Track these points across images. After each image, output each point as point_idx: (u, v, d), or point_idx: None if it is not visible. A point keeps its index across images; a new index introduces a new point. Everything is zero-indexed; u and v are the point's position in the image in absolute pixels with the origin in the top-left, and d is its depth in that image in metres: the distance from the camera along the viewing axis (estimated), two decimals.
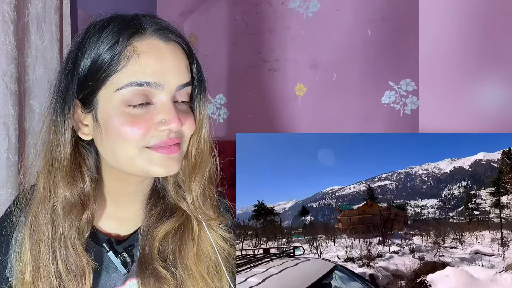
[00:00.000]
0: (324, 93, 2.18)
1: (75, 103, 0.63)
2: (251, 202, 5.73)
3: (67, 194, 0.63)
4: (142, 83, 0.59)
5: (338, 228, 4.86)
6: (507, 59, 1.17)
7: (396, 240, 3.47)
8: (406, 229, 4.25)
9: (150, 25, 0.61)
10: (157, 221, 0.69)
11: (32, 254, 0.64)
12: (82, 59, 0.60)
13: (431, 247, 2.91)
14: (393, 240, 3.45)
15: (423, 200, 8.84)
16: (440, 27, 1.23)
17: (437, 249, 2.77)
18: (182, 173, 0.69)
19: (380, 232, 3.77)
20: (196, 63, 0.66)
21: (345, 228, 4.76)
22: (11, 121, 1.20)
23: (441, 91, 1.24)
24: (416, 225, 4.65)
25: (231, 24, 2.35)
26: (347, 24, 2.13)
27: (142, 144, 0.61)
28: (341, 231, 4.67)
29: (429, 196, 8.87)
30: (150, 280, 0.65)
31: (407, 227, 4.63)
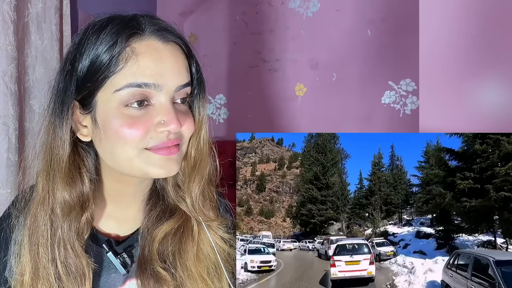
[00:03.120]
0: (324, 93, 2.18)
1: (74, 104, 0.62)
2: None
3: (66, 195, 0.63)
4: (140, 84, 0.58)
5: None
6: (507, 59, 1.17)
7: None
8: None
9: (148, 25, 0.61)
10: (156, 221, 0.69)
11: (31, 256, 0.63)
12: (80, 60, 0.60)
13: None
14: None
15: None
16: (439, 27, 1.23)
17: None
18: (181, 174, 0.69)
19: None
20: (195, 63, 0.66)
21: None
22: (11, 121, 1.20)
23: (441, 91, 1.24)
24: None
25: (231, 24, 2.35)
26: (347, 24, 2.13)
27: (141, 146, 0.61)
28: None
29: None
30: (150, 281, 0.65)
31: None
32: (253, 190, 1.82)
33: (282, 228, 1.72)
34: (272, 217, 1.80)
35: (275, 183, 1.82)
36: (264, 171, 1.82)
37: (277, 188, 1.85)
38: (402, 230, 2.26)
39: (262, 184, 1.84)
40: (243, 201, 1.87)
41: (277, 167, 1.92)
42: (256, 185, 1.83)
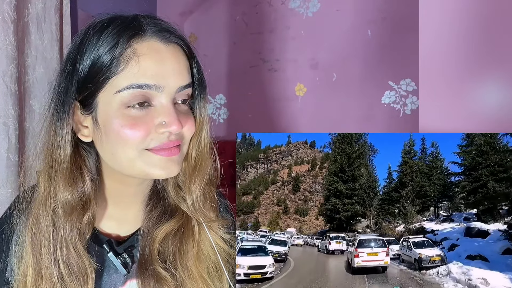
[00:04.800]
0: (324, 93, 2.18)
1: (75, 104, 0.62)
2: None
3: (67, 196, 0.63)
4: (142, 85, 0.58)
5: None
6: (507, 59, 1.17)
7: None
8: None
9: (150, 26, 0.61)
10: (157, 222, 0.69)
11: (34, 257, 0.64)
12: (81, 60, 0.60)
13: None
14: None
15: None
16: (439, 27, 1.23)
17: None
18: (182, 175, 0.69)
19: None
20: (196, 64, 0.66)
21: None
22: (11, 121, 1.20)
23: (441, 91, 1.24)
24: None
25: (231, 24, 2.35)
26: (347, 24, 2.13)
27: (142, 146, 0.61)
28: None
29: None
30: (150, 281, 0.65)
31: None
32: (289, 190, 1.86)
33: (315, 225, 1.74)
34: (306, 215, 1.83)
35: (308, 183, 1.85)
36: (298, 173, 1.87)
37: (310, 188, 1.89)
38: (442, 226, 1.88)
39: (297, 185, 1.89)
40: (281, 200, 1.92)
41: (310, 168, 1.95)
42: (292, 186, 1.88)
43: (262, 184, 1.93)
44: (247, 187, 1.84)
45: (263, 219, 1.84)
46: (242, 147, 1.85)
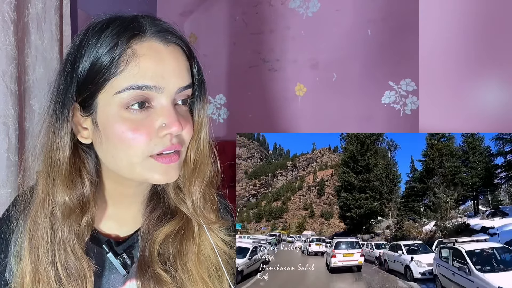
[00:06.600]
0: (324, 93, 2.18)
1: (74, 106, 0.62)
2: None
3: (66, 198, 0.63)
4: (141, 86, 0.58)
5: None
6: (507, 59, 1.17)
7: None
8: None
9: (149, 27, 0.60)
10: (157, 223, 0.68)
11: (32, 258, 0.63)
12: (81, 61, 0.59)
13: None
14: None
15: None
16: (439, 27, 1.23)
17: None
18: (182, 177, 0.68)
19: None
20: (196, 65, 0.66)
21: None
22: (11, 121, 1.20)
23: (441, 91, 1.24)
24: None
25: (231, 24, 2.35)
26: (347, 24, 2.13)
27: (146, 153, 0.60)
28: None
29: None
30: (150, 283, 0.65)
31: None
32: (315, 195, 1.86)
33: (340, 228, 1.72)
34: (331, 218, 1.80)
35: (332, 187, 1.85)
36: (323, 177, 1.87)
37: (334, 192, 1.89)
38: (498, 222, 1.17)
39: (322, 189, 1.88)
40: (307, 205, 1.92)
41: (333, 172, 1.95)
42: (317, 190, 1.87)
43: (290, 190, 1.95)
44: (277, 194, 1.86)
45: (291, 223, 1.89)
46: (273, 157, 1.83)
